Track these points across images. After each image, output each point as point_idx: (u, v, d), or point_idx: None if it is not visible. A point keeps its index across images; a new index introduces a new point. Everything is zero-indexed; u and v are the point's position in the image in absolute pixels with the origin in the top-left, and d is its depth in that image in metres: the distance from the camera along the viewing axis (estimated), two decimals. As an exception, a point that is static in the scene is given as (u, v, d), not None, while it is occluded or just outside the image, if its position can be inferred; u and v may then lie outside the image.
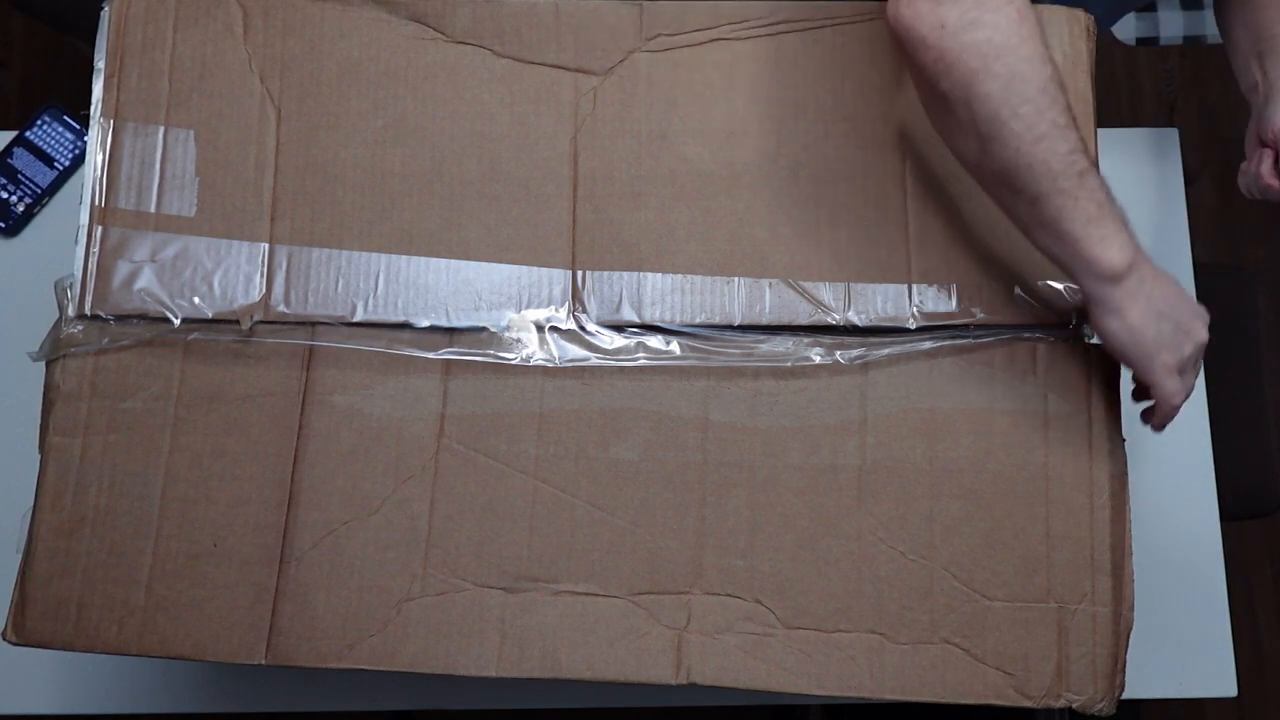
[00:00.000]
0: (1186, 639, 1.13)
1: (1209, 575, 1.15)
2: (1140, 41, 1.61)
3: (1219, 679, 1.13)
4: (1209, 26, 2.10)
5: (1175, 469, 1.17)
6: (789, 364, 0.86)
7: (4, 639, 0.84)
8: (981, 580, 0.85)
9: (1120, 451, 0.86)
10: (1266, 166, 0.98)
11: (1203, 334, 0.82)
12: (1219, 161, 2.05)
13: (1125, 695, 0.85)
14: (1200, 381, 1.19)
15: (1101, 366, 0.87)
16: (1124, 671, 0.84)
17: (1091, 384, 0.87)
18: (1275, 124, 0.97)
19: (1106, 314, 0.79)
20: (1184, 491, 1.17)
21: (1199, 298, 1.18)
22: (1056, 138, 0.74)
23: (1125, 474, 0.86)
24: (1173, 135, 1.26)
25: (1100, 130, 0.91)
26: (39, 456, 0.85)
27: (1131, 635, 0.85)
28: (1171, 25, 2.10)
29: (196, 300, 0.87)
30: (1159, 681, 1.13)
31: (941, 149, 0.87)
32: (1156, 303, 0.79)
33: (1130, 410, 0.88)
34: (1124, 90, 2.12)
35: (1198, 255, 1.24)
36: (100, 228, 0.87)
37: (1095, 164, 0.77)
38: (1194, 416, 1.19)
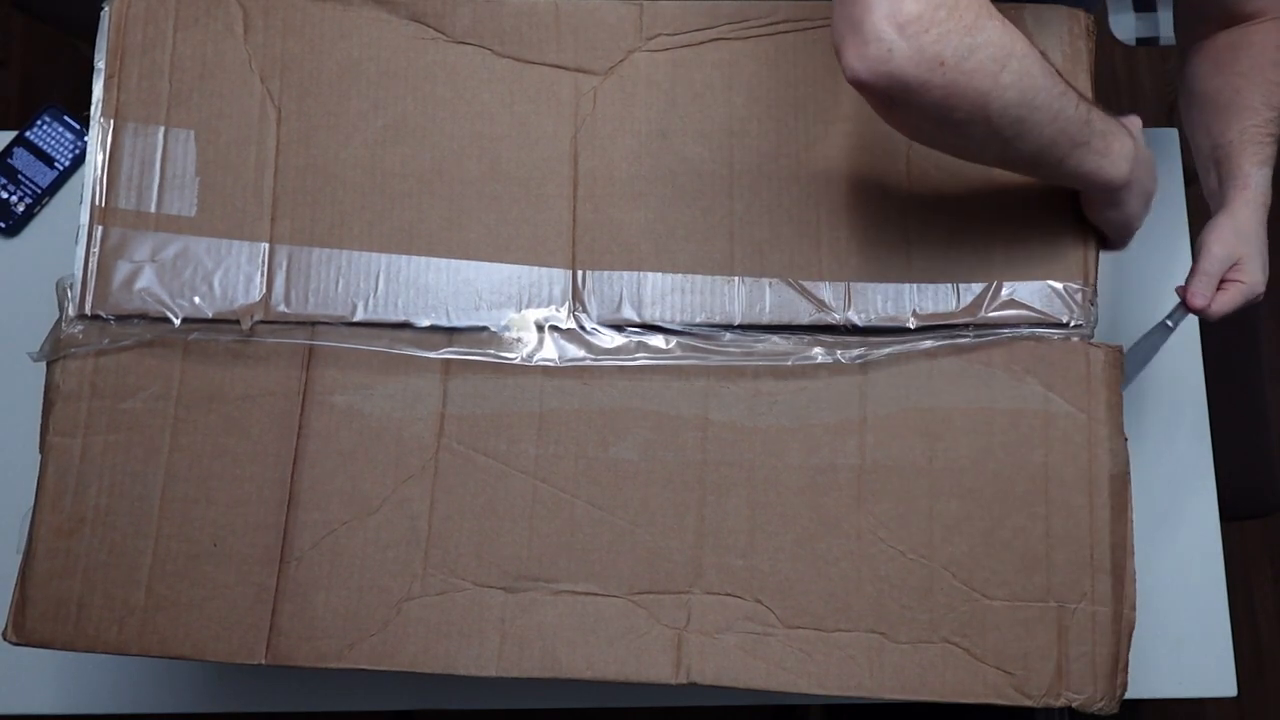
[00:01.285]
0: (1186, 639, 1.13)
1: (1209, 575, 1.15)
2: (1140, 41, 1.61)
3: (1219, 679, 1.13)
4: None
5: (1175, 469, 1.17)
6: (789, 363, 0.86)
7: (4, 639, 0.84)
8: (981, 580, 0.85)
9: (1121, 451, 0.86)
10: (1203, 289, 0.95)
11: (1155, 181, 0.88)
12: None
13: (1126, 696, 0.85)
14: (1200, 381, 1.20)
15: (1102, 366, 0.87)
16: (1126, 671, 0.84)
17: (1091, 383, 0.86)
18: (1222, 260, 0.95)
19: (1108, 208, 0.85)
20: (1184, 491, 1.17)
21: None
22: (1066, 103, 0.75)
23: (1127, 473, 0.86)
24: (1173, 135, 1.26)
25: (1100, 130, 0.90)
26: (39, 457, 0.85)
27: (1133, 634, 0.85)
28: (1171, 25, 2.10)
29: (197, 300, 0.87)
30: (1159, 681, 1.13)
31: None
32: (1145, 183, 0.86)
33: (1131, 409, 0.88)
34: (1124, 90, 2.12)
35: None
36: (100, 228, 0.87)
37: (1076, 90, 0.79)
38: (1194, 416, 1.19)
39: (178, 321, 0.86)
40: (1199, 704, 1.83)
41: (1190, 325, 1.20)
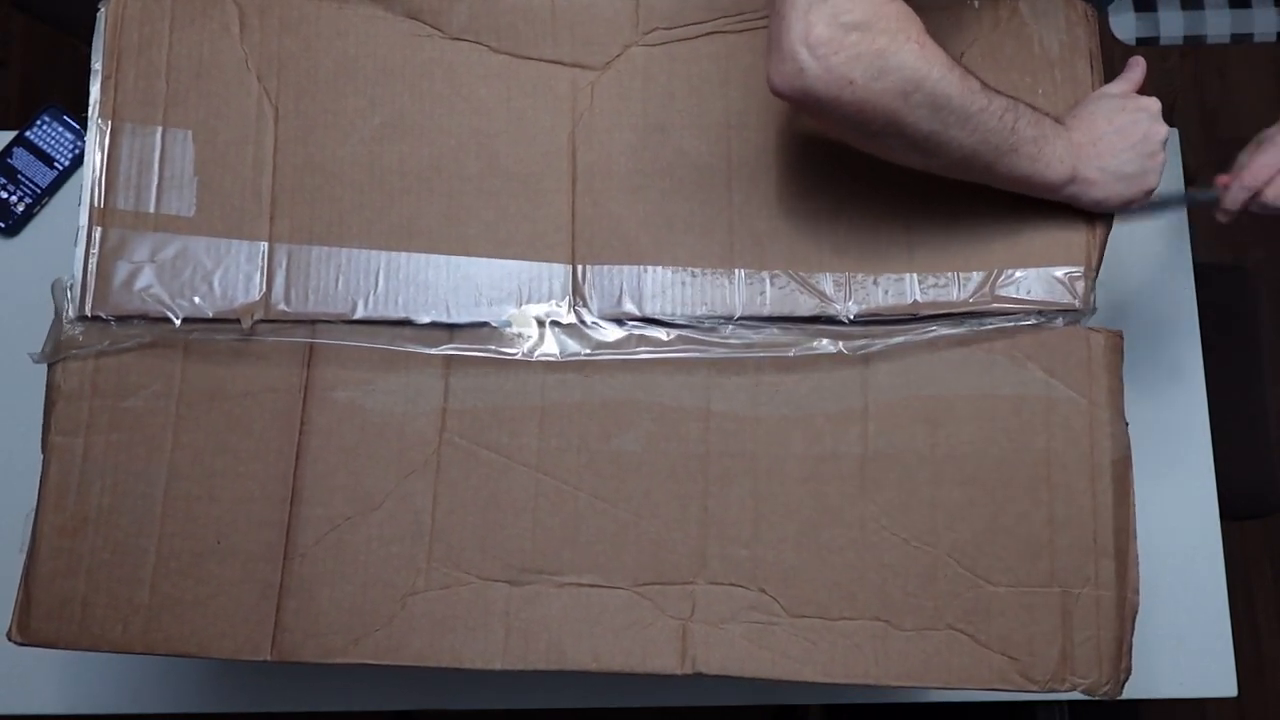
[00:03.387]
0: (1186, 639, 1.14)
1: (1209, 575, 1.16)
2: (1140, 41, 1.61)
3: (1219, 679, 1.14)
4: (1209, 26, 2.10)
5: (1175, 469, 1.17)
6: (791, 354, 0.86)
7: (9, 639, 0.84)
8: (985, 566, 0.85)
9: (1123, 435, 0.86)
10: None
11: (1159, 130, 0.87)
12: (1219, 161, 2.02)
13: (1126, 695, 0.85)
14: (1200, 381, 1.21)
15: (1102, 351, 0.87)
16: (1130, 654, 0.84)
17: (1092, 368, 0.87)
18: None
19: (1084, 197, 0.87)
20: (1184, 491, 1.17)
21: (1199, 298, 1.20)
22: (987, 117, 0.78)
23: (1128, 457, 0.86)
24: (1173, 135, 1.26)
25: (1101, 130, 0.90)
26: (41, 457, 0.86)
27: (1137, 619, 0.85)
28: (1171, 25, 2.10)
29: (197, 300, 0.87)
30: (1159, 681, 1.13)
31: None
32: (1109, 162, 0.86)
33: (1131, 409, 0.88)
34: None
35: (1198, 255, 1.25)
36: (99, 229, 0.88)
37: (1007, 95, 0.81)
38: (1194, 417, 1.19)
39: (178, 322, 0.86)
40: (1199, 704, 1.84)
41: (1190, 326, 1.21)
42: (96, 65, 0.90)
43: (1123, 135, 0.86)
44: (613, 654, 0.84)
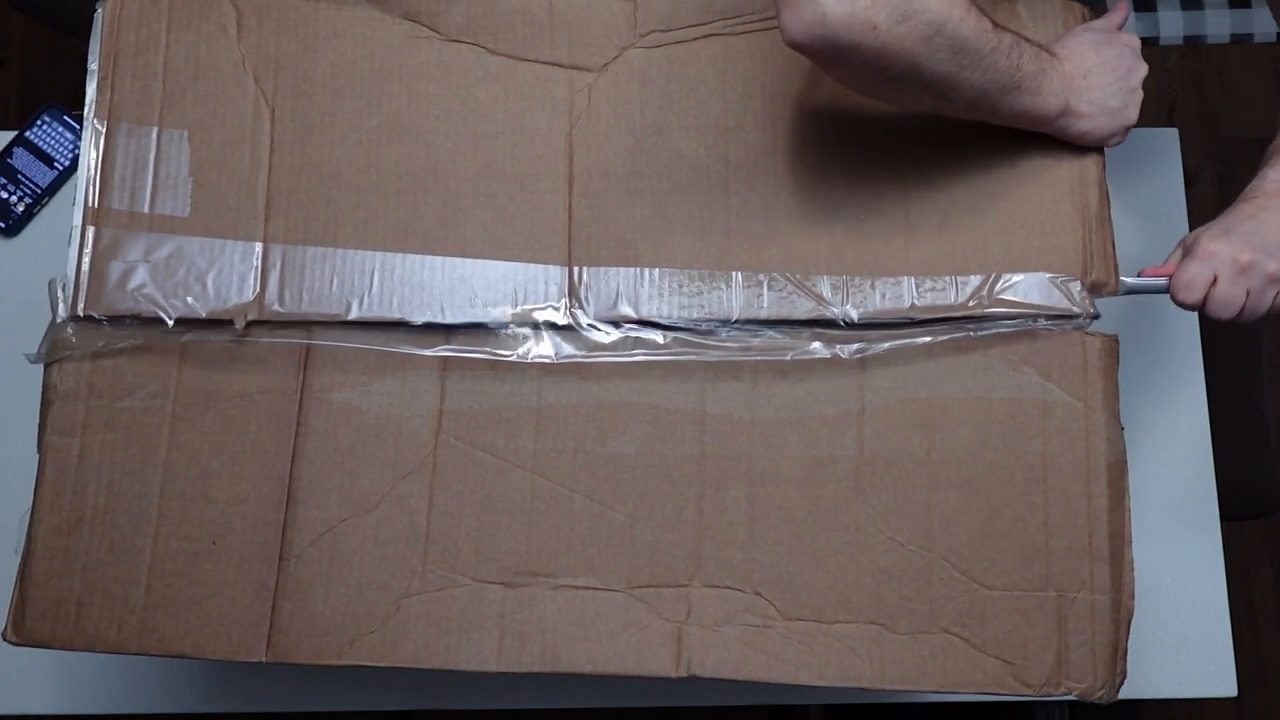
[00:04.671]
0: (1186, 639, 1.13)
1: (1209, 575, 1.15)
2: (1140, 41, 1.62)
3: (1219, 679, 1.13)
4: (1209, 26, 2.10)
5: (1175, 469, 1.17)
6: (788, 358, 0.86)
7: (4, 639, 0.84)
8: (980, 570, 0.85)
9: (1118, 439, 0.86)
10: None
11: (1141, 67, 0.90)
12: (1219, 161, 2.04)
13: (1125, 696, 0.85)
14: (1200, 381, 1.20)
15: (1098, 355, 0.87)
16: (1125, 659, 0.84)
17: (1089, 372, 0.86)
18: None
19: (1071, 129, 0.88)
20: (1184, 491, 1.17)
21: None
22: (998, 56, 0.79)
23: (1124, 461, 0.86)
24: (1173, 135, 1.26)
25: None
26: (37, 456, 0.86)
27: (1132, 628, 0.85)
28: (1171, 25, 2.10)
29: (190, 300, 0.86)
30: (1159, 681, 1.13)
31: (938, 141, 0.88)
32: (1097, 95, 0.88)
33: (1131, 409, 0.87)
34: None
35: None
36: (94, 229, 0.87)
37: (1009, 30, 0.81)
38: (1194, 417, 1.19)
39: (171, 322, 0.86)
40: (1199, 704, 1.83)
41: (1190, 326, 1.21)
42: (93, 66, 0.90)
43: (1109, 69, 0.88)
44: (607, 657, 0.84)
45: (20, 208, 1.24)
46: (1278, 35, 2.04)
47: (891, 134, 0.89)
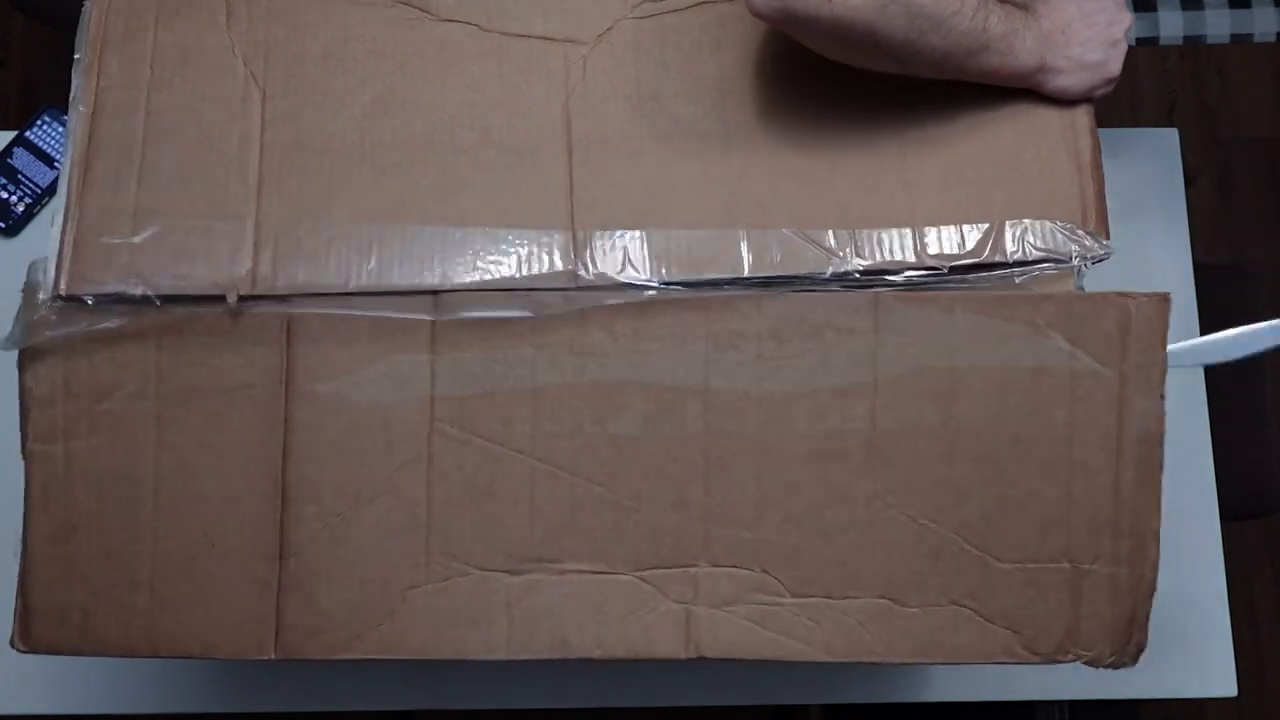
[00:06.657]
0: (1187, 639, 1.14)
1: (1209, 575, 1.16)
2: (1140, 41, 1.61)
3: (1219, 679, 1.14)
4: (1209, 26, 2.09)
5: (1175, 469, 1.15)
6: (798, 315, 0.84)
7: (12, 646, 0.83)
8: (994, 543, 0.83)
9: (1155, 411, 0.83)
10: None
11: (1124, 18, 0.89)
12: (1219, 161, 2.08)
13: (1125, 695, 0.84)
14: (1200, 381, 1.21)
15: (1143, 318, 0.83)
16: (1145, 630, 0.82)
17: (1126, 339, 0.83)
18: None
19: (1049, 84, 0.88)
20: (1184, 491, 1.16)
21: (1199, 298, 1.22)
22: (959, 20, 0.80)
23: (1159, 434, 0.83)
24: (1173, 135, 1.27)
25: (1100, 130, 0.89)
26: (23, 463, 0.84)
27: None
28: (1171, 25, 2.08)
29: (177, 278, 0.84)
30: (1159, 681, 1.13)
31: (934, 95, 0.87)
32: (1075, 50, 0.87)
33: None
34: (1124, 90, 2.11)
35: (1198, 255, 1.26)
36: (78, 209, 0.85)
37: None
38: (1194, 417, 1.19)
39: (158, 301, 0.83)
40: (1199, 704, 1.84)
41: (1190, 326, 1.21)
42: (78, 55, 0.89)
43: (1089, 23, 0.88)
44: (616, 641, 0.83)
45: (20, 208, 1.25)
46: (1278, 35, 2.05)
47: (886, 90, 0.88)
